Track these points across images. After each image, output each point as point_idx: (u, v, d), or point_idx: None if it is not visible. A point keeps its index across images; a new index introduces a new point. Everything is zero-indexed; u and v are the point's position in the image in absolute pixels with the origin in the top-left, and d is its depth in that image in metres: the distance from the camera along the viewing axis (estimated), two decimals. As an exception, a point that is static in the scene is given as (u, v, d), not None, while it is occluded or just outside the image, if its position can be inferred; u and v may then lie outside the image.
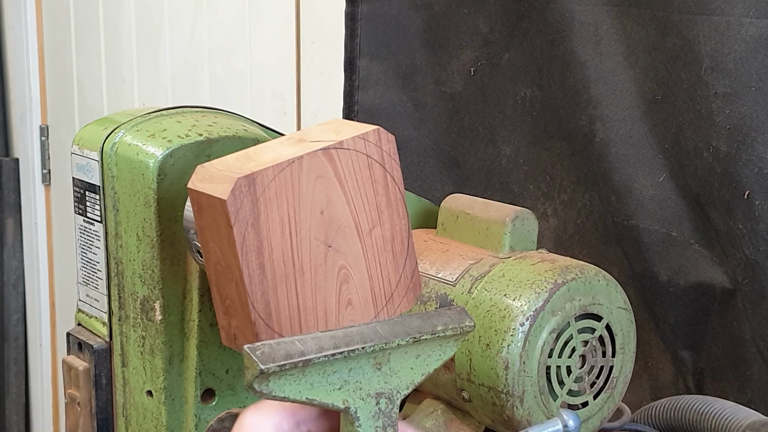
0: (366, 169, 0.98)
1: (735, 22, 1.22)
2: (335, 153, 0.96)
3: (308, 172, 0.95)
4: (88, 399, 1.16)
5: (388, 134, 1.00)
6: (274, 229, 0.94)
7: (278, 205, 0.94)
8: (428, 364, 0.77)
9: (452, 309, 0.80)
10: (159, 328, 1.13)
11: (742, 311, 1.29)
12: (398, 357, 0.76)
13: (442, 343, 0.78)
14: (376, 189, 0.99)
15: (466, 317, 0.80)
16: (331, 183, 0.97)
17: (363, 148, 0.98)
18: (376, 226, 1.00)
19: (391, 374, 0.76)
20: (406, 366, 0.77)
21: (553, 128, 1.45)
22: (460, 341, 0.79)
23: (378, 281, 1.00)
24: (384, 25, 1.60)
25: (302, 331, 0.96)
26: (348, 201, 0.98)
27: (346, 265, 0.99)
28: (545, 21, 1.43)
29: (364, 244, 0.99)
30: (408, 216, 1.01)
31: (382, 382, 0.75)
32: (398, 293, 1.02)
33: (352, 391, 0.74)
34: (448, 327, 0.78)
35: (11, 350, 3.13)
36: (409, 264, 1.02)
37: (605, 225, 1.41)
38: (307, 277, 0.97)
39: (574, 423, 1.00)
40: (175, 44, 2.43)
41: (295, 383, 0.72)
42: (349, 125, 1.01)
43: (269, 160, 0.94)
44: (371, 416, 0.74)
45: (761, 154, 1.23)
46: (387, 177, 1.00)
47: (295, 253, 0.96)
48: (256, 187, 0.92)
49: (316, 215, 0.97)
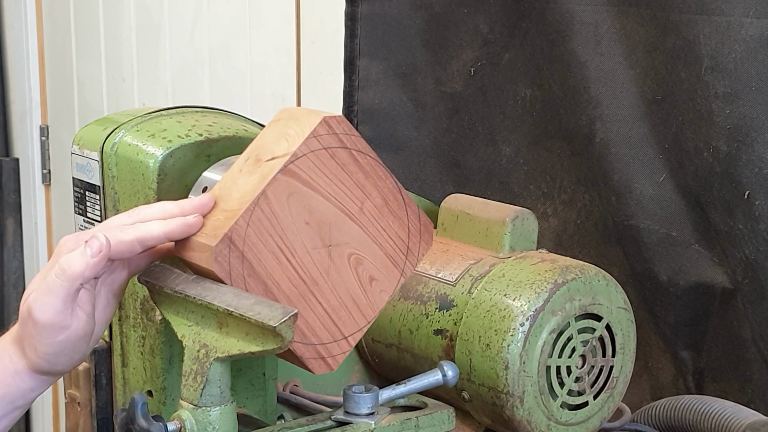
0: (330, 160, 0.99)
1: (735, 22, 1.22)
2: (293, 167, 0.97)
3: (277, 198, 0.96)
4: (88, 399, 1.16)
5: (335, 116, 0.99)
6: (271, 266, 0.96)
7: (264, 243, 0.95)
8: (249, 346, 0.91)
9: (284, 307, 0.90)
10: (159, 328, 1.13)
11: (742, 311, 1.29)
12: (234, 328, 0.91)
13: (262, 332, 0.89)
14: (349, 170, 1.00)
15: (289, 322, 0.88)
16: (304, 193, 0.97)
17: (318, 144, 0.98)
18: (364, 201, 1.01)
19: (222, 338, 0.92)
20: (236, 338, 0.91)
21: (553, 128, 1.45)
22: (280, 344, 0.89)
23: (390, 244, 1.02)
24: (384, 25, 1.59)
25: (340, 329, 0.99)
26: (327, 198, 0.99)
27: (354, 250, 1.00)
28: (545, 21, 1.43)
29: (361, 224, 1.00)
30: (389, 172, 1.02)
31: (214, 340, 0.92)
32: (413, 242, 1.03)
33: (194, 333, 0.94)
34: (258, 315, 0.89)
35: (11, 350, 3.13)
36: (411, 211, 1.03)
37: (605, 225, 1.41)
38: (322, 283, 0.98)
39: (453, 373, 1.03)
40: (175, 44, 2.43)
41: (169, 301, 0.96)
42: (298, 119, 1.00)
43: (236, 204, 0.95)
44: (191, 358, 0.94)
45: (761, 154, 1.23)
46: (353, 153, 1.00)
47: (301, 272, 0.97)
48: (235, 243, 0.94)
49: (302, 229, 0.97)
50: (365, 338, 1.27)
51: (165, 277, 0.96)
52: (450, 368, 1.05)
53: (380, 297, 1.02)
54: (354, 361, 1.31)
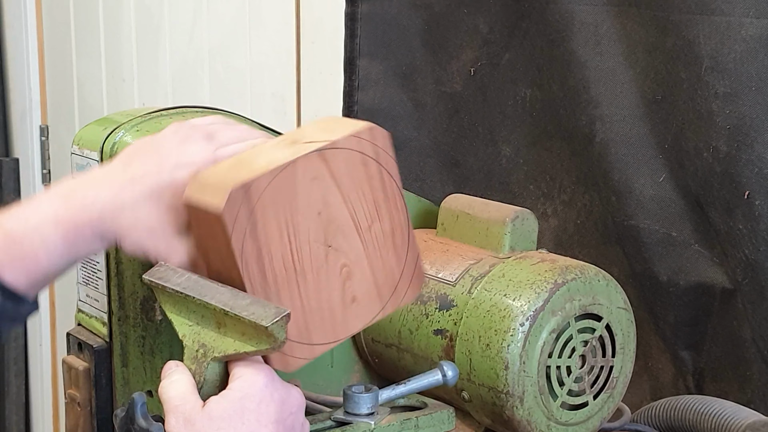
0: (361, 167, 0.98)
1: (735, 22, 1.22)
2: (329, 153, 0.96)
3: (303, 175, 0.95)
4: (88, 399, 1.15)
5: (382, 130, 0.99)
6: (272, 235, 0.94)
7: (275, 211, 0.94)
8: (245, 346, 0.90)
9: (278, 308, 0.89)
10: (159, 328, 1.13)
11: (742, 311, 1.29)
12: (231, 328, 0.91)
13: (256, 332, 0.89)
14: (372, 185, 0.99)
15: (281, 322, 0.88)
16: (327, 184, 0.96)
17: (357, 146, 0.97)
18: (375, 221, 1.00)
19: (220, 338, 0.92)
20: (232, 338, 0.91)
21: (553, 128, 1.45)
22: (273, 345, 0.88)
23: (381, 274, 1.01)
24: (384, 25, 1.59)
25: (310, 333, 0.97)
26: (345, 200, 0.98)
27: (348, 262, 0.99)
28: (545, 21, 1.43)
29: (364, 241, 0.99)
30: (406, 208, 1.01)
31: (212, 340, 0.92)
32: (403, 283, 1.02)
33: (194, 332, 0.94)
34: (252, 314, 0.89)
35: (11, 350, 3.13)
36: (411, 254, 1.02)
37: (605, 225, 1.41)
38: (310, 279, 0.97)
39: (453, 373, 1.03)
40: (175, 44, 2.43)
41: (172, 301, 0.96)
42: (343, 123, 1.00)
43: (263, 166, 0.94)
44: (190, 358, 0.93)
45: (761, 154, 1.23)
46: (382, 172, 1.00)
47: (295, 257, 0.96)
48: (251, 196, 0.92)
49: (313, 217, 0.96)
50: (365, 338, 1.27)
51: (168, 276, 0.96)
52: (450, 368, 1.05)
53: (354, 321, 1.00)
54: (354, 361, 1.30)
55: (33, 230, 0.95)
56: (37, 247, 0.95)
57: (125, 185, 0.96)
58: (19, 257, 0.95)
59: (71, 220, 0.95)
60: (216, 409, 0.88)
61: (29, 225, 0.95)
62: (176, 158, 0.97)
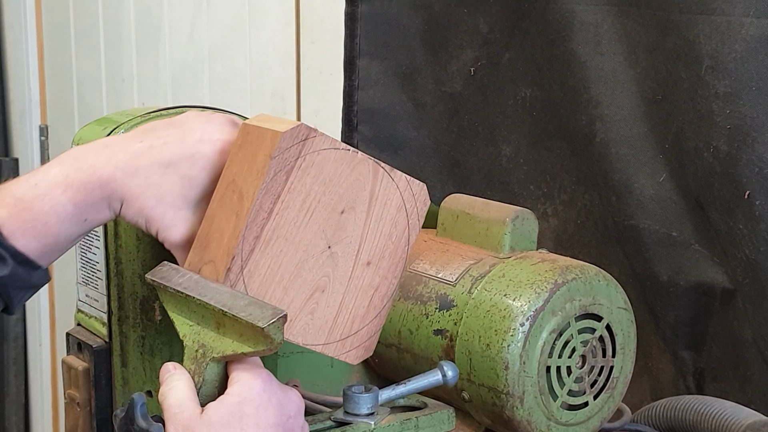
0: (394, 210, 1.00)
1: (735, 21, 1.22)
2: (382, 174, 0.99)
3: (353, 169, 0.97)
4: (88, 399, 1.15)
5: (428, 196, 1.02)
6: (298, 191, 0.95)
7: (314, 175, 0.95)
8: (242, 347, 0.91)
9: (275, 309, 0.90)
10: (159, 328, 1.13)
11: (743, 311, 1.29)
12: (230, 329, 0.91)
13: (254, 333, 0.89)
14: (392, 232, 1.01)
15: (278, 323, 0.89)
16: (363, 194, 0.98)
17: (405, 188, 1.00)
18: (372, 264, 1.00)
19: (219, 338, 0.92)
20: (231, 338, 0.91)
21: (553, 128, 1.45)
22: (269, 346, 0.89)
23: (344, 315, 1.00)
24: (384, 25, 1.59)
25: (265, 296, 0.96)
26: (366, 222, 0.99)
27: (330, 277, 0.99)
28: (545, 21, 1.43)
29: (353, 272, 0.99)
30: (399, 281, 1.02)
31: (211, 340, 0.92)
32: (353, 340, 1.01)
33: (194, 332, 0.94)
34: (250, 315, 0.89)
35: (11, 350, 3.13)
36: (377, 321, 1.02)
37: (605, 225, 1.41)
38: (297, 257, 0.96)
39: (453, 373, 1.03)
40: (175, 44, 2.43)
41: (174, 301, 0.96)
42: None
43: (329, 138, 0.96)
44: (189, 358, 0.94)
45: (761, 154, 1.23)
46: (406, 231, 1.01)
47: (300, 228, 0.96)
48: (307, 143, 0.94)
49: (336, 211, 0.97)
50: (365, 338, 1.27)
51: (170, 276, 0.96)
52: (450, 368, 1.05)
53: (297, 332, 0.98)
54: (354, 361, 1.30)
55: (43, 194, 0.95)
56: (48, 212, 0.94)
57: (142, 151, 0.96)
58: (30, 222, 0.94)
59: (81, 181, 0.95)
60: (214, 416, 0.88)
61: (39, 190, 0.95)
62: (201, 134, 0.97)
